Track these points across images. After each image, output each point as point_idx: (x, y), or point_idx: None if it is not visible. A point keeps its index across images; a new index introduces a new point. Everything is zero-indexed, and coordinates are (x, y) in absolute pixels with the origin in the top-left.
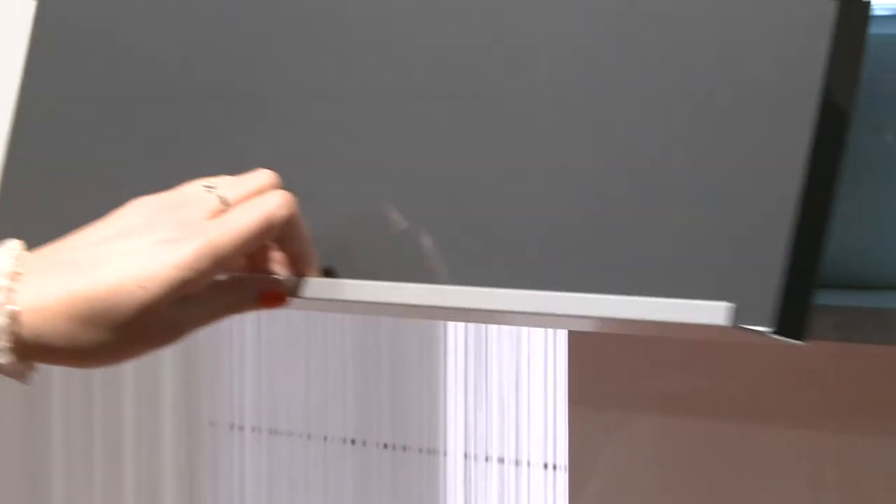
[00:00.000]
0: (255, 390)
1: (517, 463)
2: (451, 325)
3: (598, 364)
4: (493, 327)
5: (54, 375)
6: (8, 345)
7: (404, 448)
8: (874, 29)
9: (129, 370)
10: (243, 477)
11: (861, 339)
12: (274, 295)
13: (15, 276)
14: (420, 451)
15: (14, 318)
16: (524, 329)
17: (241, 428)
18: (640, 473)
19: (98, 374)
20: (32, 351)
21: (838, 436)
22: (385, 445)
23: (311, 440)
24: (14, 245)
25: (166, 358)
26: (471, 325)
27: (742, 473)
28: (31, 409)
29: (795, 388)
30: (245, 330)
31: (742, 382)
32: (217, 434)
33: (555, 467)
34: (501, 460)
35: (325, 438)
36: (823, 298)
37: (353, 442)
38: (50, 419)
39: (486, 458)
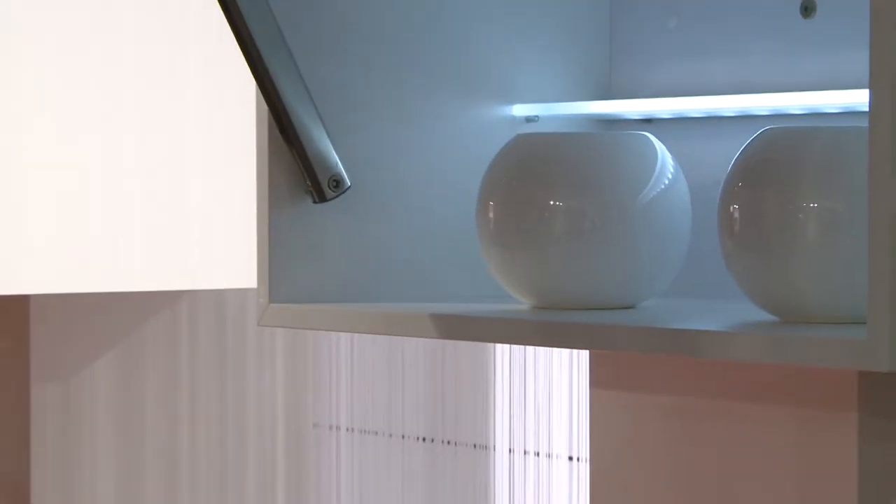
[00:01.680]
0: (349, 396)
1: (548, 456)
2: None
3: (614, 359)
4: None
5: (183, 380)
6: None
7: (463, 444)
8: (828, 122)
9: (251, 381)
10: (339, 470)
11: None
12: None
13: None
14: (474, 446)
15: None
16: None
17: (338, 428)
18: (657, 465)
19: (228, 383)
20: None
21: None
22: (448, 442)
23: (392, 438)
24: None
25: (278, 371)
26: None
27: (762, 462)
28: (168, 412)
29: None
30: (340, 346)
31: (761, 370)
32: (319, 434)
33: (578, 459)
34: (538, 454)
35: (403, 437)
36: None
37: (423, 439)
38: (145, 421)
39: (525, 452)
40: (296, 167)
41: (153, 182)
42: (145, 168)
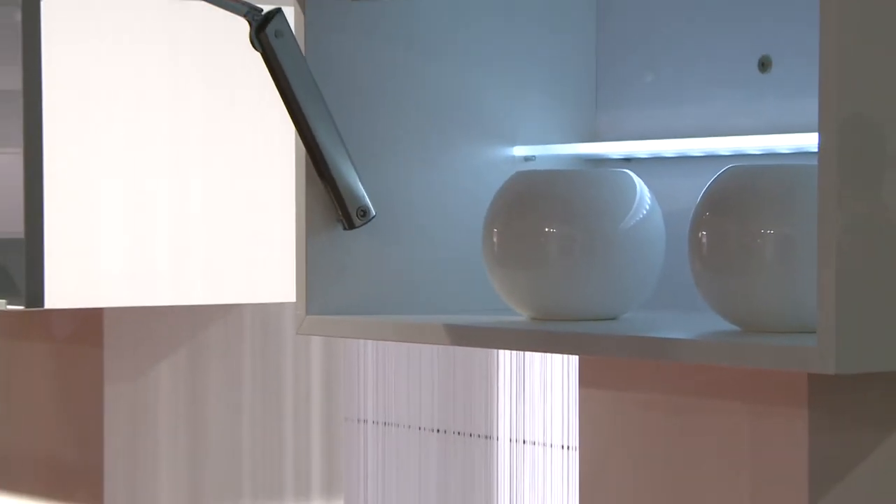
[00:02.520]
0: (374, 394)
1: (544, 445)
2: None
3: (600, 362)
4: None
5: (234, 381)
6: None
7: (469, 434)
8: (782, 161)
9: (291, 382)
10: (366, 458)
11: None
12: None
13: None
14: (480, 436)
15: None
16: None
17: (365, 421)
18: (637, 452)
19: (272, 383)
20: None
21: None
22: (458, 433)
23: (410, 429)
24: None
25: (314, 372)
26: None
27: (726, 450)
28: (223, 408)
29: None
30: (367, 351)
31: (725, 372)
32: (349, 426)
33: (570, 447)
34: (535, 443)
35: (420, 428)
36: None
37: (437, 430)
38: (206, 414)
39: (524, 442)
40: (328, 199)
41: (211, 212)
42: (205, 201)
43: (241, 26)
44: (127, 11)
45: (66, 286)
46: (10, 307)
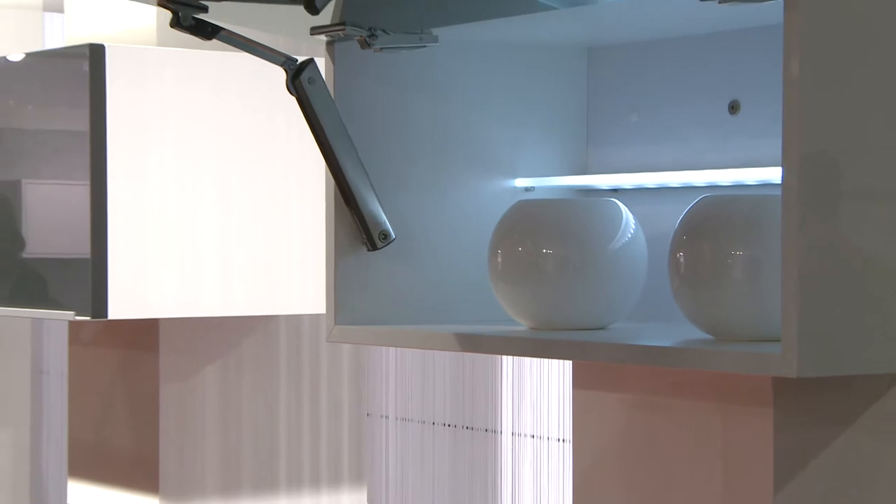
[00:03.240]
0: (394, 393)
1: (541, 438)
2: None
3: (590, 366)
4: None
5: (271, 382)
6: None
7: (476, 429)
8: (749, 191)
9: (323, 383)
10: (387, 449)
11: None
12: None
13: None
14: (485, 430)
15: None
16: None
17: (386, 416)
18: (623, 445)
19: (305, 384)
20: None
21: None
22: (466, 427)
23: (424, 424)
24: None
25: (342, 374)
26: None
27: (700, 444)
28: (261, 405)
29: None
30: (388, 356)
31: (699, 375)
32: (372, 421)
33: (564, 440)
34: (533, 436)
35: (433, 423)
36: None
37: (448, 425)
38: (247, 410)
39: (523, 435)
40: (354, 225)
41: (251, 236)
42: (246, 226)
43: (279, 74)
44: (179, 62)
45: (126, 300)
46: (78, 318)
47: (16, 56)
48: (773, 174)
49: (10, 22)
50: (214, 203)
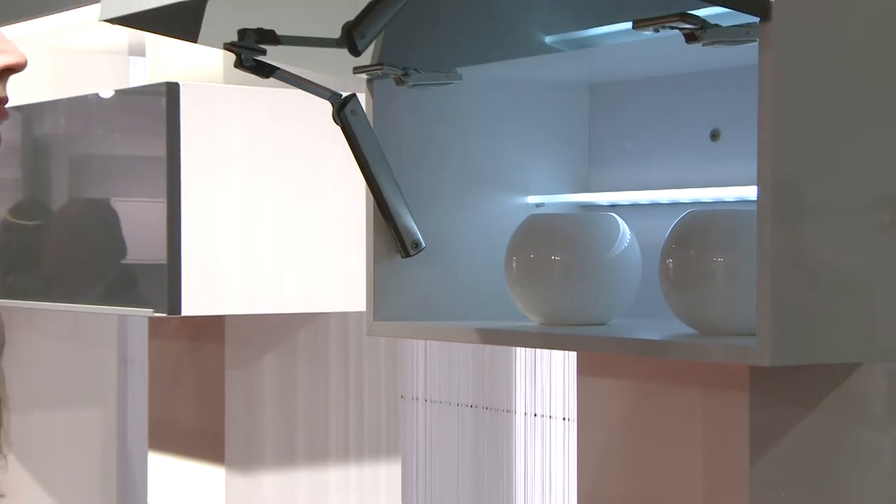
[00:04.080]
0: (424, 378)
1: (550, 417)
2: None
3: (593, 357)
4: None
5: (321, 370)
6: None
7: (495, 409)
8: (729, 207)
9: (365, 371)
10: (417, 428)
11: None
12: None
13: None
14: (502, 410)
15: None
16: None
17: (417, 399)
18: (621, 426)
19: (350, 372)
20: None
21: None
22: (486, 408)
23: (450, 405)
24: None
25: (380, 363)
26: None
27: (685, 424)
28: (312, 389)
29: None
30: (419, 347)
31: (685, 364)
32: (405, 403)
33: (569, 419)
34: (543, 416)
35: (458, 404)
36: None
37: (471, 406)
38: (300, 393)
39: (535, 415)
40: (390, 235)
41: (303, 245)
42: (299, 237)
43: (326, 107)
44: (242, 97)
45: (197, 299)
46: (156, 314)
47: (106, 93)
48: (750, 192)
49: (101, 64)
50: (272, 215)
